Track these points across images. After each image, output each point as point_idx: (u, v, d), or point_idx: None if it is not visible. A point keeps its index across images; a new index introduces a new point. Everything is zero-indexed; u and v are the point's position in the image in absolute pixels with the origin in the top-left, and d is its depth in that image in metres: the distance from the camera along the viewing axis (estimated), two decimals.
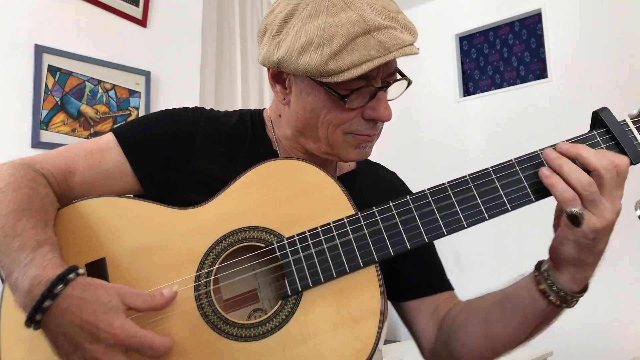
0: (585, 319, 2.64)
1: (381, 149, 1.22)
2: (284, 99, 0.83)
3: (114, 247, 0.73)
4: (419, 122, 3.59)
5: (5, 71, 1.92)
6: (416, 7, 3.65)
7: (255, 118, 0.92)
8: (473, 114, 3.39)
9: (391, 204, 0.73)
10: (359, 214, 0.73)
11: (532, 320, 0.74)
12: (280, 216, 0.74)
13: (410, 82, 0.81)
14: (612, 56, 2.84)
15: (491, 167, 0.73)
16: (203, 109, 0.90)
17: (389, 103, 0.79)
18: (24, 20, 1.97)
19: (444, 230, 0.71)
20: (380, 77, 0.76)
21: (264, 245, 0.73)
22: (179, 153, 0.83)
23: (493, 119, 3.29)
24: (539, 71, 3.21)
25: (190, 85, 2.53)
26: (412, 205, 0.73)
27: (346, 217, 0.73)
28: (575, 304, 0.71)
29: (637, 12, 2.78)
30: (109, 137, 0.84)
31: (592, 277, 0.71)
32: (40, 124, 1.99)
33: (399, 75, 0.81)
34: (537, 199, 0.71)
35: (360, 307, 0.69)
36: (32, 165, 0.77)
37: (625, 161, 0.67)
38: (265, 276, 0.76)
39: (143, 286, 0.70)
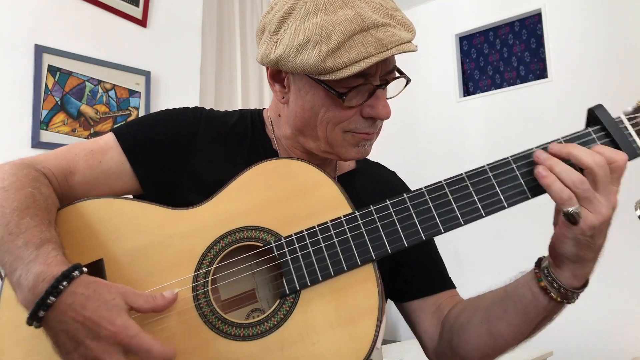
0: (585, 319, 2.64)
1: (381, 149, 1.22)
2: (283, 97, 0.82)
3: (113, 247, 0.73)
4: (418, 122, 3.59)
5: (5, 71, 1.92)
6: (416, 7, 3.65)
7: (255, 118, 0.92)
8: (473, 114, 3.39)
9: (388, 202, 0.73)
10: (357, 212, 0.73)
11: (534, 317, 0.74)
12: (278, 216, 0.74)
13: (409, 80, 0.81)
14: (612, 56, 2.84)
15: (487, 164, 0.73)
16: (203, 108, 0.90)
17: (387, 101, 0.78)
18: (24, 20, 1.98)
19: (441, 227, 0.71)
20: (378, 74, 0.76)
21: (261, 245, 0.73)
22: (179, 153, 0.83)
23: (493, 119, 3.29)
24: (539, 71, 3.21)
25: (190, 85, 2.53)
26: (409, 204, 0.73)
27: (344, 215, 0.73)
28: (576, 299, 0.72)
29: (637, 12, 2.78)
30: (109, 137, 0.84)
31: (592, 273, 0.71)
32: (40, 124, 1.99)
33: (397, 73, 0.81)
34: (533, 195, 0.71)
35: (358, 305, 0.69)
36: (34, 165, 0.77)
37: (623, 157, 0.67)
38: (263, 276, 0.76)
39: (142, 286, 0.70)
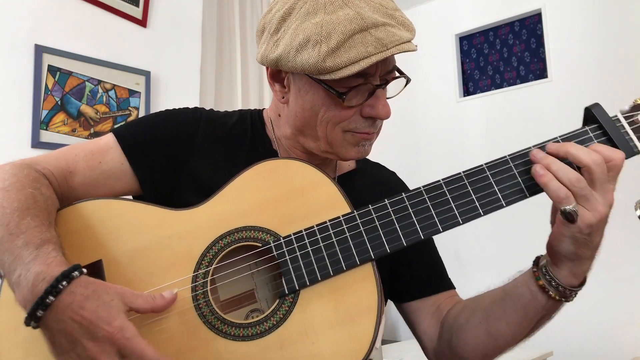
0: (585, 319, 2.64)
1: (381, 149, 1.22)
2: (283, 97, 0.82)
3: (112, 248, 0.73)
4: (419, 122, 3.59)
5: (5, 71, 1.93)
6: (416, 7, 3.65)
7: (255, 118, 0.92)
8: (473, 114, 3.39)
9: (387, 201, 0.74)
10: (355, 212, 0.73)
11: (532, 316, 0.74)
12: (276, 216, 0.74)
13: (408, 80, 0.81)
14: (612, 56, 2.84)
15: (485, 163, 0.73)
16: (203, 109, 0.90)
17: (387, 101, 0.78)
18: (24, 20, 1.98)
19: (440, 226, 0.72)
20: (378, 74, 0.76)
21: (260, 245, 0.72)
22: (179, 153, 0.83)
23: (493, 119, 3.29)
24: (539, 71, 3.21)
25: (190, 85, 2.53)
26: (407, 203, 0.73)
27: (342, 215, 0.73)
28: (575, 297, 0.72)
29: (637, 12, 2.78)
30: (109, 138, 0.84)
31: (590, 271, 0.71)
32: (40, 124, 1.99)
33: (397, 73, 0.81)
34: (531, 194, 0.72)
35: (357, 304, 0.69)
36: (34, 166, 0.77)
37: (620, 155, 0.67)
38: (262, 276, 0.76)
39: (141, 287, 0.70)
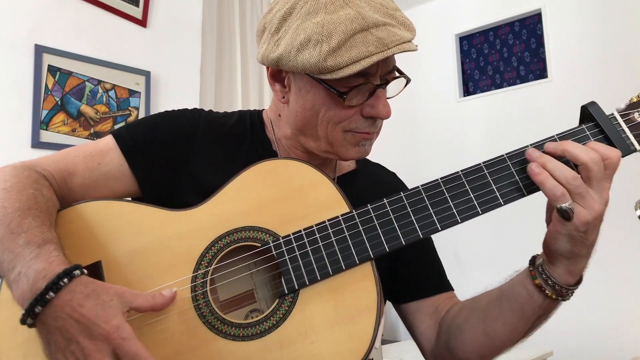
0: (585, 319, 2.64)
1: (381, 149, 1.22)
2: (283, 97, 0.83)
3: (111, 249, 0.73)
4: (419, 122, 3.59)
5: (5, 71, 1.93)
6: (416, 7, 3.65)
7: (254, 119, 0.92)
8: (473, 114, 3.39)
9: (385, 200, 0.74)
10: (354, 211, 0.73)
11: (529, 315, 0.74)
12: (275, 216, 0.74)
13: (409, 80, 0.81)
14: (612, 56, 2.84)
15: (483, 162, 0.74)
16: (202, 110, 0.90)
17: (387, 101, 0.79)
18: (24, 20, 1.98)
19: (438, 225, 0.72)
20: (379, 74, 0.76)
21: (260, 245, 0.73)
22: (178, 154, 0.83)
23: (493, 119, 3.29)
24: (539, 71, 3.21)
25: (190, 85, 2.53)
26: (405, 202, 0.73)
27: (341, 215, 0.73)
28: (571, 296, 0.72)
29: (637, 12, 2.78)
30: (109, 140, 0.84)
31: (586, 269, 0.72)
32: (40, 124, 1.99)
33: (397, 73, 0.81)
34: (529, 193, 0.72)
35: (357, 303, 0.69)
36: (34, 167, 0.77)
37: (616, 154, 0.68)
38: (262, 276, 0.76)
39: (140, 288, 0.70)
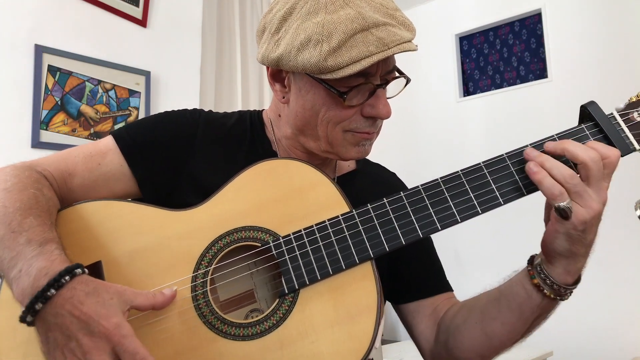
0: (585, 319, 2.64)
1: (381, 149, 1.22)
2: (283, 97, 0.83)
3: (112, 249, 0.73)
4: (419, 122, 3.59)
5: (5, 71, 1.92)
6: (416, 7, 3.65)
7: (254, 119, 0.92)
8: (473, 114, 3.38)
9: (385, 200, 0.74)
10: (354, 211, 0.73)
11: (528, 315, 0.74)
12: (275, 215, 0.74)
13: (409, 80, 0.81)
14: (612, 56, 2.84)
15: (483, 162, 0.74)
16: (202, 110, 0.90)
17: (387, 101, 0.79)
18: (24, 20, 1.98)
19: (438, 225, 0.72)
20: (379, 74, 0.76)
21: (260, 245, 0.73)
22: (178, 155, 0.84)
23: (493, 119, 3.29)
24: (539, 71, 3.21)
25: (190, 85, 2.53)
26: (405, 202, 0.73)
27: (341, 214, 0.73)
28: (570, 296, 0.72)
29: (637, 12, 2.78)
30: (109, 140, 0.84)
31: (584, 269, 0.72)
32: (40, 124, 1.99)
33: (397, 73, 0.81)
34: (528, 192, 0.72)
35: (357, 303, 0.69)
36: (34, 168, 0.78)
37: (615, 153, 0.68)
38: (262, 276, 0.76)
39: (140, 288, 0.69)
